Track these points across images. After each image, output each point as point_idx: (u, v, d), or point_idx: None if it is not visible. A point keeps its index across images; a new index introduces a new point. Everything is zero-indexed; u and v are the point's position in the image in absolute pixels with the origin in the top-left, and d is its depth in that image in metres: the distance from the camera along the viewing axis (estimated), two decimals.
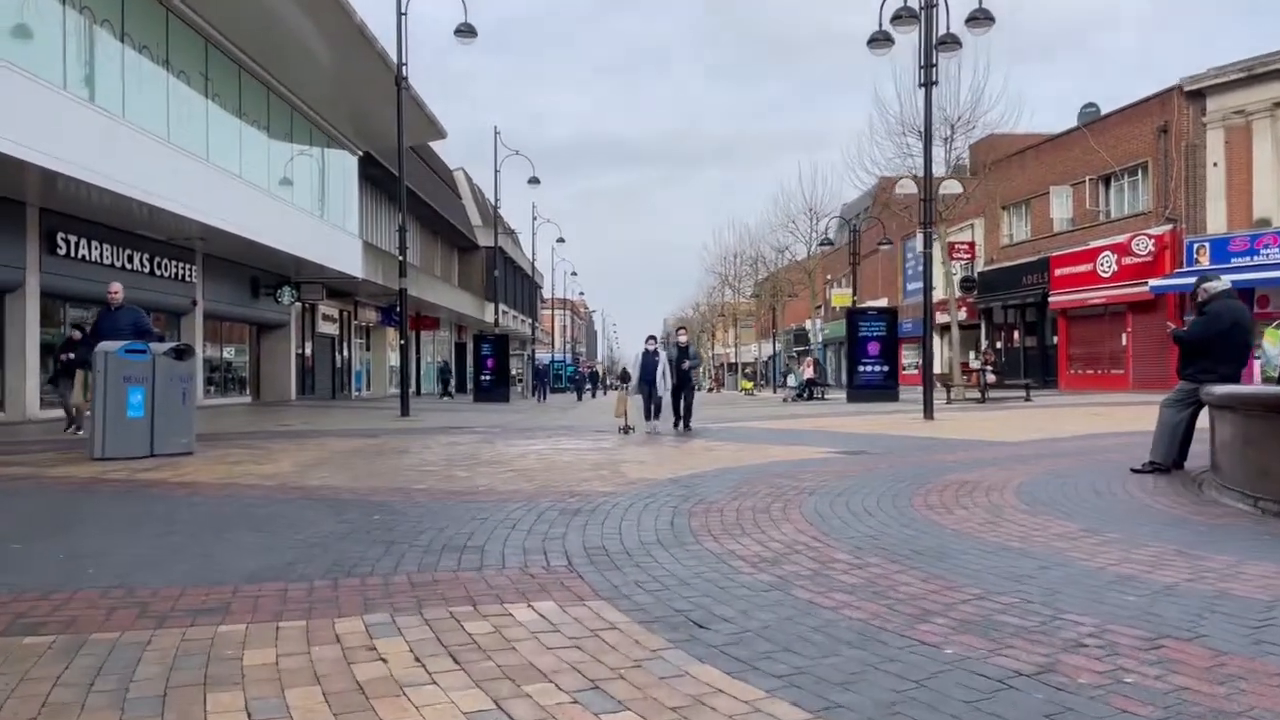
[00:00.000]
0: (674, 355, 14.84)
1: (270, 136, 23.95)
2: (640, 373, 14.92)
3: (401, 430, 15.92)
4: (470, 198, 59.34)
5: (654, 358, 14.66)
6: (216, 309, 24.66)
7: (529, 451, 11.23)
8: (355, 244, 29.55)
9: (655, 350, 14.84)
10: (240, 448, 11.57)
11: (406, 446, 12.13)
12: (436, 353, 51.55)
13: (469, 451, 11.24)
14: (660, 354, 14.70)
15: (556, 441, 13.06)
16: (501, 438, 13.94)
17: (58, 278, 17.45)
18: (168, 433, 9.84)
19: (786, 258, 44.41)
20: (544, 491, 7.40)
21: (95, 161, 15.68)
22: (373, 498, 7.13)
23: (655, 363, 14.59)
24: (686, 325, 19.20)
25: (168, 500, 6.98)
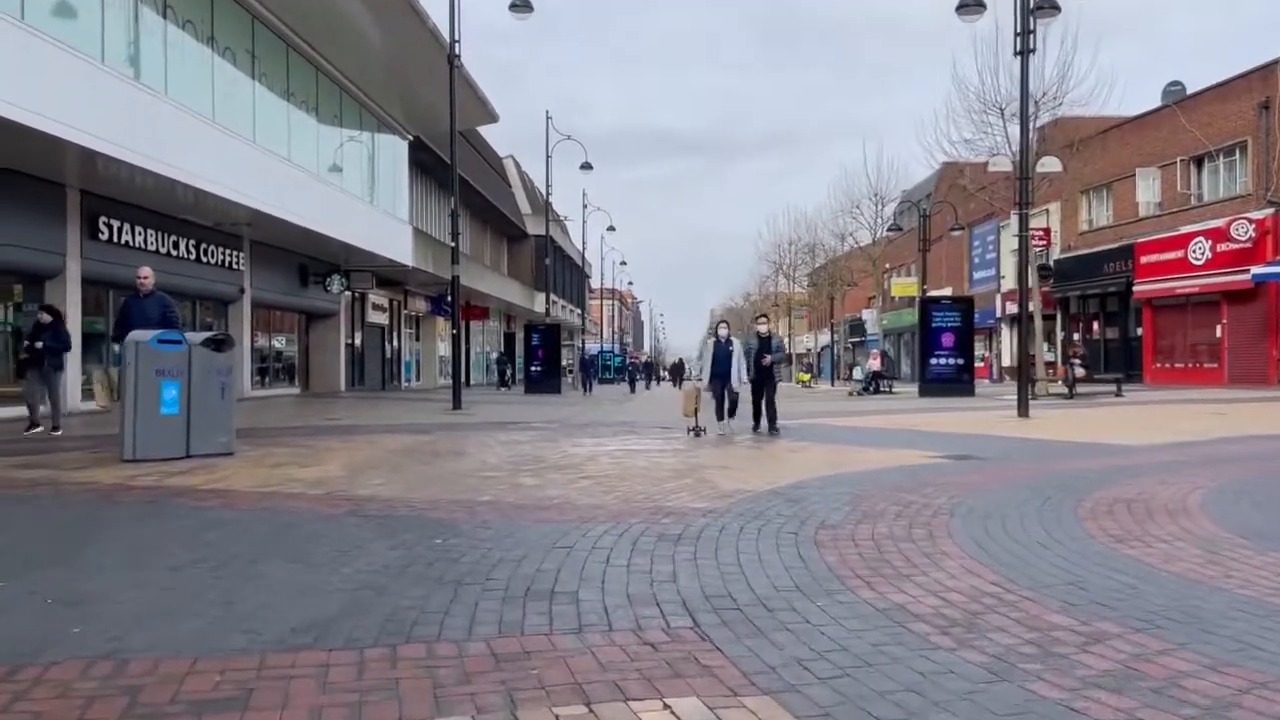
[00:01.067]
0: (753, 347, 13.01)
1: (319, 119, 23.15)
2: (712, 366, 12.84)
3: (454, 425, 14.96)
4: (519, 185, 58.51)
5: (727, 348, 12.74)
6: (265, 297, 23.97)
7: (597, 453, 10.15)
8: (406, 231, 28.75)
9: (729, 339, 12.88)
10: (284, 446, 10.65)
11: (462, 446, 11.13)
12: (485, 343, 50.85)
13: (532, 453, 10.19)
14: (735, 344, 12.81)
15: (623, 441, 11.97)
16: (563, 435, 12.90)
17: (100, 264, 16.75)
18: (205, 431, 8.92)
19: (848, 244, 42.80)
20: (629, 507, 6.30)
21: (138, 141, 14.90)
22: (432, 513, 6.09)
23: (729, 354, 12.66)
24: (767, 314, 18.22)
25: (195, 515, 6.00)
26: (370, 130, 26.69)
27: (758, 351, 12.87)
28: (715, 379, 12.78)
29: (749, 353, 12.77)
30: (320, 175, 22.56)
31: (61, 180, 15.85)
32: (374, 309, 32.34)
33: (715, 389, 12.81)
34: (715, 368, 12.82)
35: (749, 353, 12.77)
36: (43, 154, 14.22)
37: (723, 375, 12.65)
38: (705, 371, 12.91)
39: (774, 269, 57.99)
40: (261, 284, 23.57)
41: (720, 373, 12.69)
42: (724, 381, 12.62)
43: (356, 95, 24.91)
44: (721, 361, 12.73)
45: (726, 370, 12.61)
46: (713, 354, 12.93)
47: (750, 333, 13.67)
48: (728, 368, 12.61)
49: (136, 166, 15.10)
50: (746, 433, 12.62)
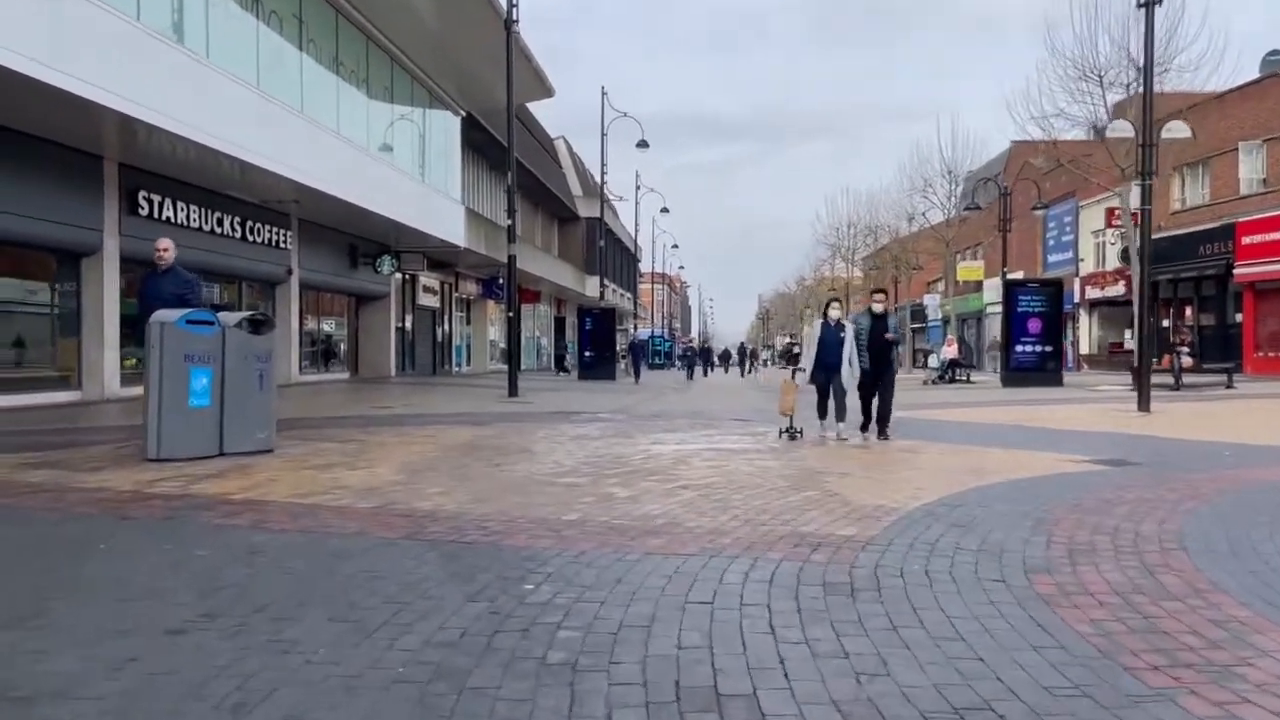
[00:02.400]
0: (865, 329, 10.38)
1: (369, 91, 22.03)
2: (818, 352, 10.40)
3: (514, 415, 13.75)
4: (570, 167, 57.29)
5: (837, 334, 10.33)
6: (313, 279, 22.99)
7: (684, 452, 8.83)
8: (458, 210, 27.63)
9: (839, 323, 10.44)
10: (332, 440, 9.49)
11: (529, 441, 9.88)
12: (536, 327, 49.80)
13: (608, 451, 8.90)
14: (847, 328, 10.35)
15: (707, 437, 10.65)
16: (636, 428, 11.61)
17: (140, 241, 15.72)
18: (241, 426, 7.77)
19: (917, 224, 40.80)
20: (758, 533, 4.99)
21: (180, 109, 13.87)
22: (510, 539, 4.82)
23: (839, 340, 10.22)
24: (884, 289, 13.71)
25: (219, 540, 4.80)
26: (422, 105, 25.57)
27: (872, 334, 10.33)
28: (820, 371, 10.42)
29: (862, 337, 10.29)
30: (370, 151, 21.47)
31: (99, 151, 14.88)
32: (425, 291, 31.33)
33: (819, 383, 10.49)
34: (821, 357, 10.41)
35: (862, 337, 10.29)
36: (78, 121, 13.24)
37: (830, 366, 10.32)
38: (808, 361, 10.54)
39: (832, 252, 56.02)
40: (310, 264, 22.58)
41: (828, 363, 10.35)
42: (830, 374, 10.32)
43: (408, 67, 23.78)
44: (830, 350, 10.36)
45: (835, 361, 10.25)
46: (819, 339, 10.51)
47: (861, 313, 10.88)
48: (837, 358, 10.25)
49: (179, 136, 14.09)
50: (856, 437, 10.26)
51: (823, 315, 10.91)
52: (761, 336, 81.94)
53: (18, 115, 12.74)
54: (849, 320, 10.63)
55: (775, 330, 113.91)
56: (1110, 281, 35.67)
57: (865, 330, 10.35)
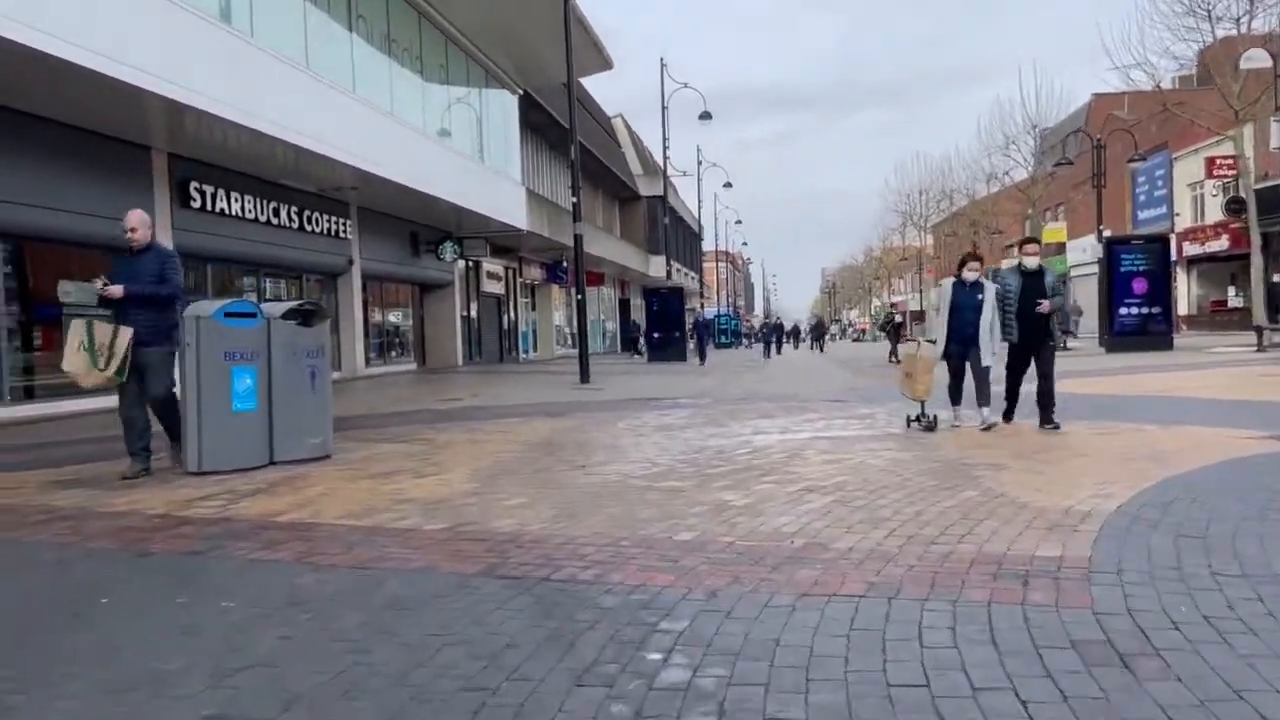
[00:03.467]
0: (1014, 290, 8.16)
1: (423, 71, 21.15)
2: (950, 321, 8.29)
3: (589, 404, 12.74)
4: (629, 145, 56.15)
5: (974, 297, 8.21)
6: (375, 268, 22.25)
7: (793, 443, 7.69)
8: (519, 193, 26.71)
9: (977, 283, 8.30)
10: (396, 441, 8.57)
11: (612, 435, 8.84)
12: (601, 310, 48.89)
13: (706, 443, 7.81)
14: (986, 290, 8.21)
15: (809, 423, 9.48)
16: (726, 415, 10.50)
17: (192, 234, 15.11)
18: (292, 430, 6.86)
19: (995, 186, 38.72)
20: (936, 557, 3.86)
21: (230, 93, 13.09)
22: (617, 575, 3.76)
23: (976, 304, 8.17)
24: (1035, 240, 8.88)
25: (250, 586, 3.83)
26: (478, 84, 24.64)
27: (1023, 296, 8.10)
28: (954, 343, 8.37)
29: (1008, 299, 8.14)
30: (427, 132, 20.59)
31: (146, 142, 14.19)
32: (489, 278, 30.55)
33: (953, 358, 8.43)
34: (955, 327, 8.30)
35: (1008, 299, 8.14)
36: (124, 110, 12.52)
37: (967, 338, 8.27)
38: (941, 331, 8.43)
39: (903, 220, 53.99)
40: (371, 254, 21.85)
41: (964, 334, 8.27)
42: (968, 348, 8.32)
43: (462, 44, 22.83)
44: (965, 317, 8.21)
45: (973, 331, 8.20)
46: (950, 304, 8.33)
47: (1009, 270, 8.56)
48: (975, 327, 8.18)
49: (229, 122, 13.30)
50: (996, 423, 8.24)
51: (956, 273, 8.63)
52: (829, 311, 79.71)
53: (60, 106, 12.07)
54: (990, 279, 8.51)
55: (842, 304, 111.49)
56: (1211, 236, 33.38)
57: (1014, 292, 8.14)
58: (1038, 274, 8.35)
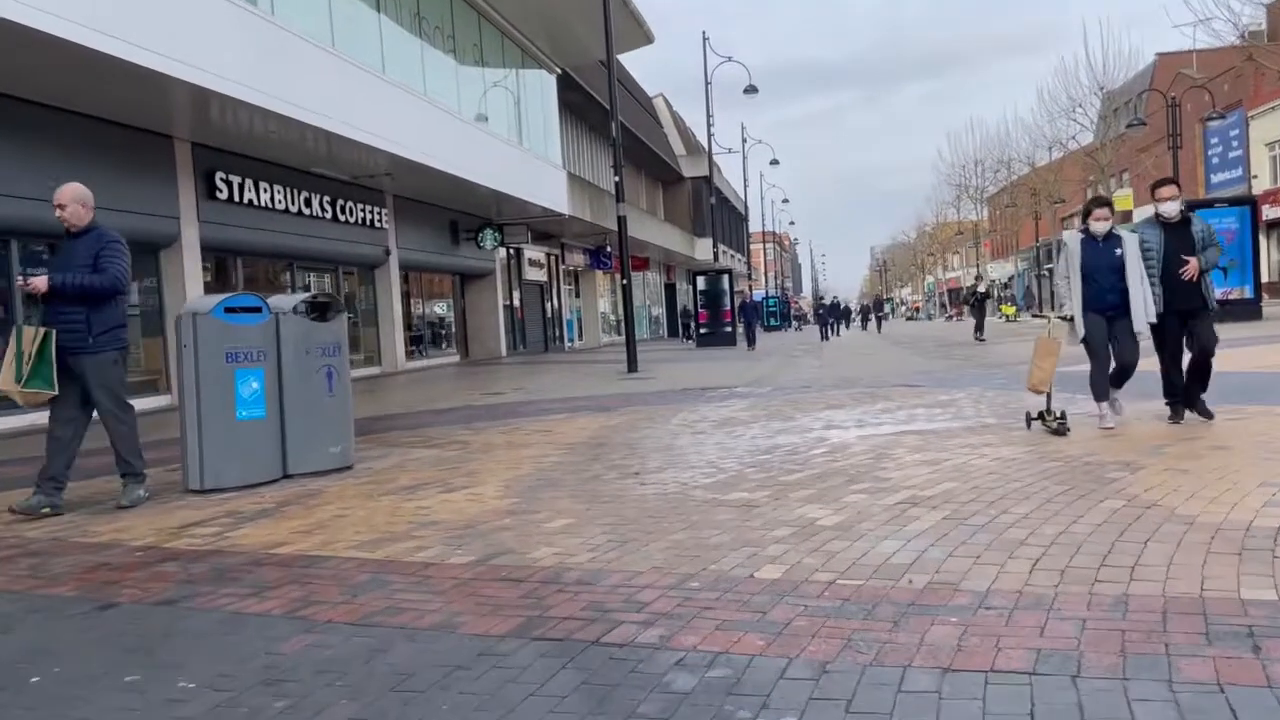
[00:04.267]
0: (1153, 247, 6.46)
1: (456, 51, 20.34)
2: (1085, 286, 6.46)
3: (639, 395, 11.88)
4: (671, 125, 55.04)
5: (1112, 252, 6.43)
6: (414, 258, 21.58)
7: (878, 440, 6.73)
8: (559, 176, 25.87)
9: (1112, 234, 6.49)
10: (429, 444, 7.77)
11: (667, 433, 7.96)
12: (646, 296, 47.96)
13: (775, 442, 6.88)
14: (1126, 243, 6.42)
15: (891, 414, 8.51)
16: (790, 405, 9.57)
17: (220, 227, 14.50)
18: (308, 440, 6.07)
19: (1058, 152, 36.93)
20: (1109, 602, 2.93)
21: (254, 77, 12.41)
22: (689, 637, 2.87)
23: (1117, 264, 6.38)
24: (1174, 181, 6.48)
25: (221, 653, 3.01)
26: (514, 64, 23.80)
27: (1166, 255, 6.42)
28: (1093, 312, 6.46)
29: (1153, 256, 6.42)
30: (462, 115, 19.80)
31: (168, 131, 13.57)
32: (531, 265, 29.81)
33: (1092, 332, 6.49)
34: (1095, 291, 6.43)
35: (1153, 256, 6.42)
36: (144, 98, 11.91)
37: (1108, 306, 6.42)
38: (1074, 302, 6.53)
39: (957, 192, 52.21)
40: (409, 244, 21.18)
41: (1100, 304, 6.42)
42: (1113, 320, 6.43)
43: (496, 21, 21.98)
44: (1100, 280, 6.40)
45: (1115, 299, 6.37)
46: (1081, 265, 6.50)
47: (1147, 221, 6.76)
48: (1118, 293, 6.36)
49: (256, 108, 12.65)
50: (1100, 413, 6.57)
51: (1082, 226, 6.66)
52: (880, 290, 77.81)
53: (74, 94, 11.45)
54: (1127, 231, 6.58)
55: (893, 283, 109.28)
56: None
57: (1156, 250, 6.42)
58: (1182, 225, 6.55)
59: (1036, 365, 6.67)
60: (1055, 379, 6.74)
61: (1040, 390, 6.65)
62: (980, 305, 24.23)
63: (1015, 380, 11.06)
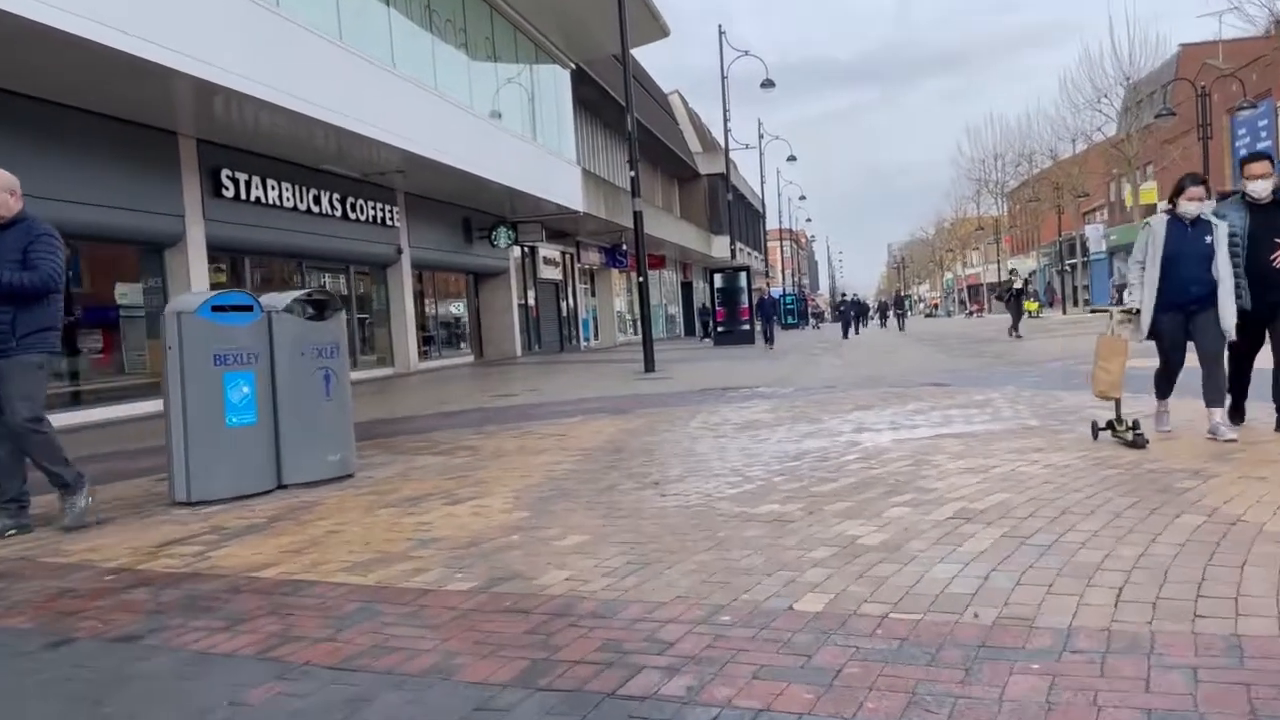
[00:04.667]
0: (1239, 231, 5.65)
1: (468, 44, 19.96)
2: (1166, 278, 5.69)
3: (657, 397, 11.45)
4: (687, 122, 54.57)
5: (1199, 240, 5.62)
6: (426, 257, 21.21)
7: (916, 444, 6.27)
8: (574, 172, 25.46)
9: (1201, 218, 5.66)
10: (435, 450, 7.36)
11: (687, 436, 7.52)
12: (663, 295, 47.50)
13: (803, 446, 6.43)
14: (1217, 229, 5.61)
15: (925, 415, 8.03)
16: (816, 406, 9.11)
17: (226, 226, 14.15)
18: (304, 447, 5.67)
19: (1081, 145, 36.19)
20: (1220, 649, 2.45)
21: (262, 72, 12.08)
22: (724, 689, 2.43)
23: (1205, 251, 5.59)
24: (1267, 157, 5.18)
25: (182, 702, 2.60)
26: (527, 58, 23.40)
27: (1252, 240, 5.61)
28: (1168, 312, 5.73)
29: (1235, 246, 5.63)
30: (474, 110, 19.41)
31: (172, 127, 13.23)
32: (545, 264, 29.42)
33: (1165, 336, 5.81)
34: (1168, 289, 5.70)
35: (1235, 246, 5.63)
36: (148, 93, 11.60)
37: (1188, 303, 5.67)
38: (1145, 294, 5.78)
39: (977, 187, 51.44)
40: (421, 242, 20.81)
41: (1184, 297, 5.67)
42: (1190, 317, 5.70)
43: (509, 14, 21.59)
44: (1186, 270, 5.62)
45: (1202, 291, 5.60)
46: (1164, 254, 5.69)
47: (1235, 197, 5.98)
48: (1204, 285, 5.59)
49: (263, 103, 12.32)
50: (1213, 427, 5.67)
51: (1170, 205, 5.83)
52: (899, 286, 76.87)
53: (76, 89, 11.13)
54: (1214, 216, 5.72)
55: (910, 279, 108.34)
56: None
57: (1242, 234, 5.65)
58: (1273, 206, 5.65)
59: (1101, 368, 5.91)
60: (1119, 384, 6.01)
61: (1109, 396, 5.84)
62: (1017, 301, 23.22)
63: (1051, 379, 10.58)
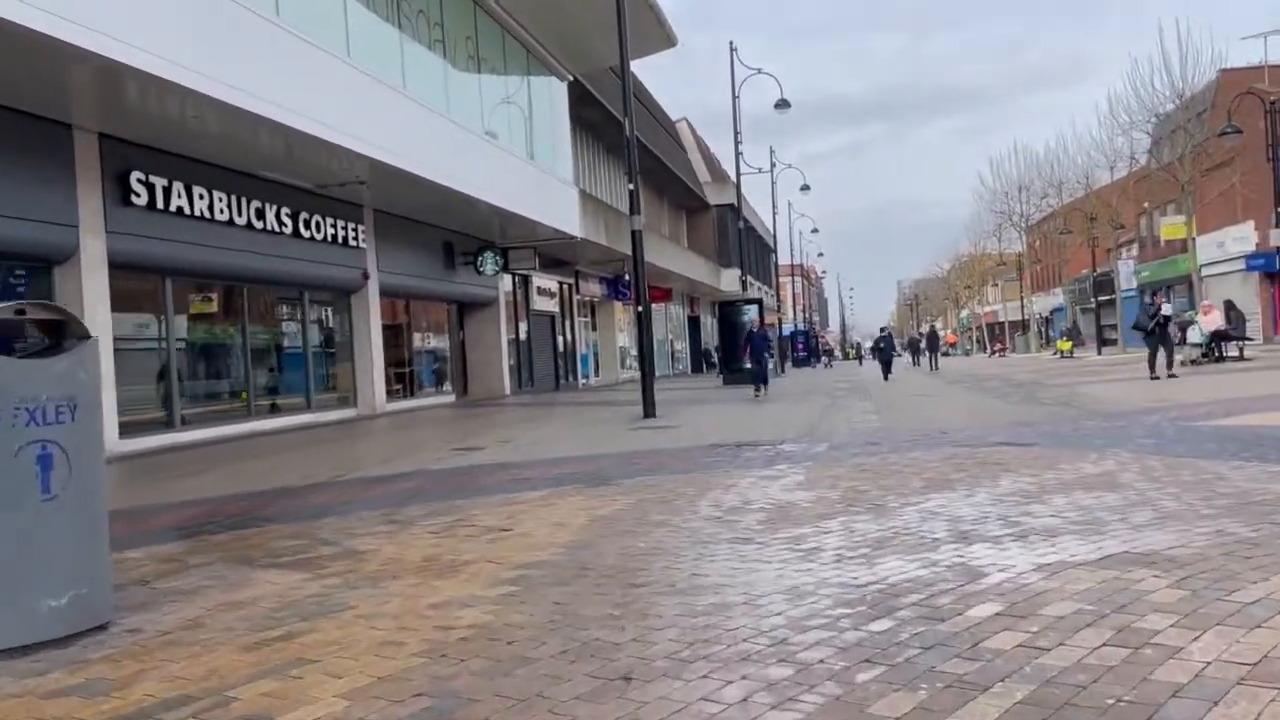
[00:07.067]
0: None
1: (445, 39, 17.61)
2: None
3: (652, 457, 8.90)
4: (695, 149, 52.44)
5: None
6: (399, 283, 18.73)
7: (1097, 585, 3.67)
8: (570, 194, 23.10)
9: None
10: (295, 563, 4.80)
11: (694, 548, 4.95)
12: (669, 330, 45.02)
13: (885, 574, 3.85)
14: None
15: (1057, 509, 5.45)
16: (870, 480, 6.54)
17: (137, 240, 11.71)
18: (12, 582, 3.10)
19: (1122, 170, 33.63)
20: None
21: (189, 53, 9.77)
22: None
23: None
24: None
25: None
26: (518, 65, 21.10)
27: None
28: None
29: None
30: (455, 117, 17.04)
31: (65, 118, 10.84)
32: (540, 294, 26.97)
33: None
34: None
35: None
36: (33, 73, 9.27)
37: None
38: None
39: (1001, 220, 48.99)
40: (393, 266, 18.36)
41: None
42: None
43: (495, 13, 19.27)
44: None
45: None
46: None
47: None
48: None
49: (190, 91, 10.00)
50: None
51: None
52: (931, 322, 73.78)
53: None
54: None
55: (924, 317, 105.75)
56: None
57: None
58: None
59: None
60: None
61: None
62: (1162, 330, 17.54)
63: (1168, 439, 7.95)
